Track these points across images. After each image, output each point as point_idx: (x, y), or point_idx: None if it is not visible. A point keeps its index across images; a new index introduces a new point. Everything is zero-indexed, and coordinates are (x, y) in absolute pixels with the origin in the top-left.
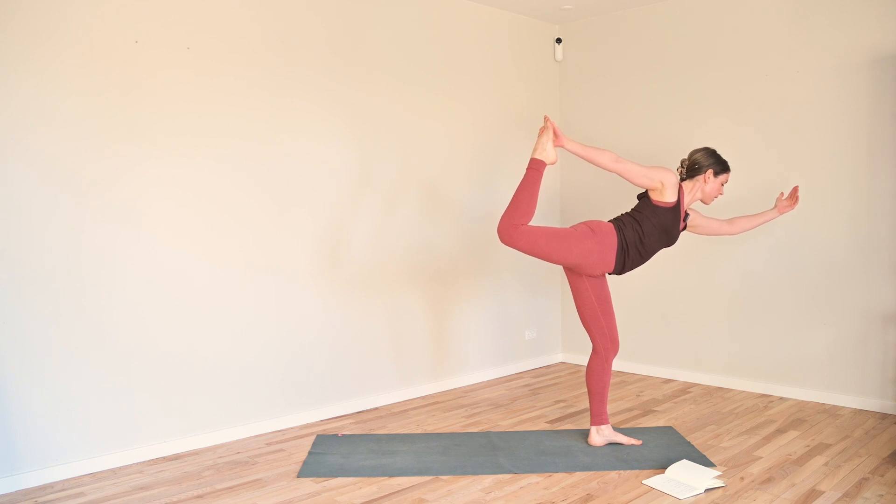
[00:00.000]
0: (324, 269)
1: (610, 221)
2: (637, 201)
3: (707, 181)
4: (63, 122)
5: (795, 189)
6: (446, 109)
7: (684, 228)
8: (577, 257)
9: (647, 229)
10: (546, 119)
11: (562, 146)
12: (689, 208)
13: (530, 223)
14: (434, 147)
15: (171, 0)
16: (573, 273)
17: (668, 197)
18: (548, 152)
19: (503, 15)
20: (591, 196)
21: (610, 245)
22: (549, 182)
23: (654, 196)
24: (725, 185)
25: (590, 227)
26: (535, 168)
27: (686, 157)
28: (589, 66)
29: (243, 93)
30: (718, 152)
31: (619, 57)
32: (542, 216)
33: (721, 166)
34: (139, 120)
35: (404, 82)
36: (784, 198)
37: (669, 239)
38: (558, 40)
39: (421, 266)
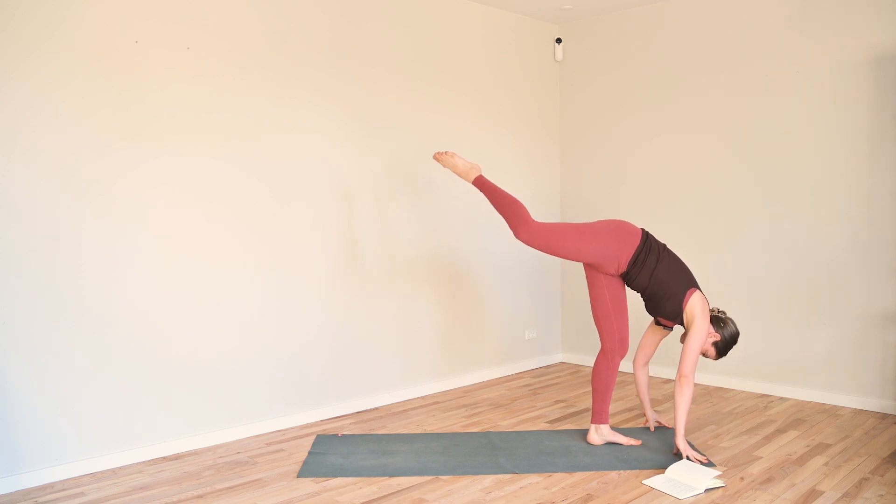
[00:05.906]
0: (323, 270)
1: (642, 229)
2: (683, 262)
3: (710, 336)
4: (63, 122)
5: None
6: (447, 109)
7: (666, 327)
8: (591, 255)
9: (662, 268)
10: (435, 156)
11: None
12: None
13: (544, 221)
14: (434, 146)
15: (170, 0)
16: (591, 267)
17: (698, 319)
18: (463, 169)
19: (503, 15)
20: (591, 196)
21: (630, 242)
22: (548, 182)
23: (687, 312)
24: (707, 356)
25: (617, 224)
26: (480, 183)
27: (724, 312)
28: (589, 66)
29: (243, 93)
30: (733, 348)
31: (619, 57)
32: (542, 215)
33: (722, 352)
34: (139, 120)
35: (405, 82)
36: (656, 423)
37: (658, 305)
38: (558, 40)
39: (421, 266)
